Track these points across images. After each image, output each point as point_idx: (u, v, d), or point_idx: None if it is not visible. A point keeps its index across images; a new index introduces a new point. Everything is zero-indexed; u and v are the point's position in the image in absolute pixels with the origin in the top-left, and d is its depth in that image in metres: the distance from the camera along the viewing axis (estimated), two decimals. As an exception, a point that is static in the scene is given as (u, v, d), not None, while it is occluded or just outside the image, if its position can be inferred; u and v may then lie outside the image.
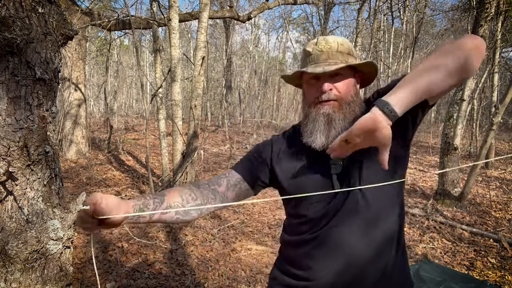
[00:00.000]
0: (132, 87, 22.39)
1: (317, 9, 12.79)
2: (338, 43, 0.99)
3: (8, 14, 0.99)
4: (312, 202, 0.99)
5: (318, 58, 0.98)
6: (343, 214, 0.96)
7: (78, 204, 1.36)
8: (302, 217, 1.02)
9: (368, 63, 1.01)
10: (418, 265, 3.14)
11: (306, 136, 1.00)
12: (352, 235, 0.95)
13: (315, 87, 0.99)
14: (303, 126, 1.02)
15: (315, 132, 0.97)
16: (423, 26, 9.49)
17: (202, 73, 4.19)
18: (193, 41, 15.68)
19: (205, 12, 4.04)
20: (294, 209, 1.05)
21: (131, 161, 7.53)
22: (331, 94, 0.97)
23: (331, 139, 0.95)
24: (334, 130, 0.96)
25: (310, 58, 1.00)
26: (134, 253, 3.17)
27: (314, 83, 0.99)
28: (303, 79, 1.05)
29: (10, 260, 1.08)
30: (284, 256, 1.12)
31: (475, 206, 4.93)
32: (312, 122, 0.99)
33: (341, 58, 0.98)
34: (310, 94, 1.02)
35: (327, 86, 0.96)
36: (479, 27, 4.63)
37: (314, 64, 0.98)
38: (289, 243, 1.09)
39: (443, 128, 5.17)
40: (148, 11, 12.25)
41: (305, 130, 1.01)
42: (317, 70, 0.94)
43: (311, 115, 1.00)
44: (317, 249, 0.98)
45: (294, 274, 1.04)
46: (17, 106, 1.09)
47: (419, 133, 15.60)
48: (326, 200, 0.98)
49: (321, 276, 0.98)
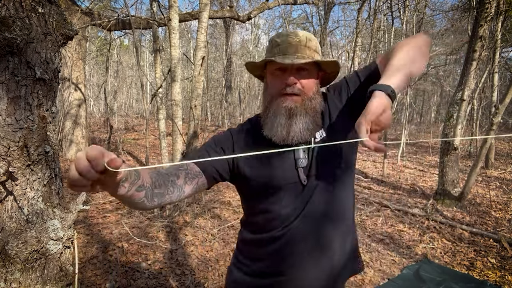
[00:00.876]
0: (132, 87, 22.39)
1: (317, 9, 12.78)
2: (307, 38, 0.99)
3: (8, 14, 0.99)
4: (281, 197, 0.99)
5: (286, 49, 0.97)
6: (312, 208, 0.99)
7: (78, 204, 1.36)
8: (271, 212, 1.01)
9: (334, 62, 1.02)
10: (418, 265, 3.14)
11: (267, 129, 0.98)
12: (322, 227, 1.00)
13: (279, 79, 0.98)
14: (264, 118, 1.00)
15: (276, 125, 0.96)
16: (423, 26, 9.48)
17: (202, 73, 4.19)
18: (193, 41, 15.68)
19: (205, 12, 4.04)
20: (262, 205, 1.02)
21: (131, 161, 7.53)
22: (295, 88, 0.96)
23: (292, 134, 0.96)
24: (295, 125, 0.96)
25: (278, 48, 0.98)
26: (134, 253, 3.17)
27: (279, 74, 0.98)
28: (267, 70, 1.02)
29: (10, 260, 1.08)
30: (248, 256, 1.08)
31: (475, 206, 4.93)
32: (273, 115, 0.97)
33: (308, 53, 0.97)
34: (273, 86, 0.99)
35: (292, 80, 0.96)
36: (479, 27, 4.63)
37: (282, 55, 0.96)
38: (255, 242, 1.06)
39: (443, 128, 5.17)
40: (148, 11, 12.25)
41: (265, 122, 0.99)
42: (285, 61, 0.93)
43: (273, 107, 0.98)
44: (289, 244, 1.00)
45: (263, 272, 1.03)
46: (17, 106, 1.09)
47: (419, 133, 15.61)
48: (294, 194, 0.99)
49: (293, 271, 1.00)
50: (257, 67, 1.06)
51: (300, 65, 0.96)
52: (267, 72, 1.03)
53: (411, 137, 13.75)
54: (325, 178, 1.00)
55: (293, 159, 1.00)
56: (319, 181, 1.00)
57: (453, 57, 15.55)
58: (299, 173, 0.99)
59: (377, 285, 2.83)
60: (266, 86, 1.04)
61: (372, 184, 6.31)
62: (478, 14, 4.69)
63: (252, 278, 1.05)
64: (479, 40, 4.62)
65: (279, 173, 0.99)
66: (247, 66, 1.08)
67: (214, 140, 1.05)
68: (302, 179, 0.99)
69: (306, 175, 0.99)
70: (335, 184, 1.02)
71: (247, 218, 1.10)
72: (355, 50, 10.89)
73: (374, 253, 3.41)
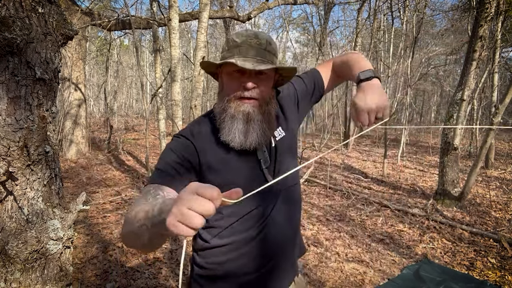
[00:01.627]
0: (132, 87, 22.39)
1: (317, 9, 12.77)
2: (267, 41, 0.98)
3: (8, 14, 0.99)
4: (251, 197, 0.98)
5: (247, 52, 0.94)
6: (280, 206, 1.05)
7: (78, 204, 1.36)
8: (242, 215, 1.00)
9: (292, 69, 1.01)
10: (418, 265, 3.14)
11: (224, 134, 0.96)
12: (286, 221, 1.08)
13: (237, 81, 0.95)
14: (220, 122, 0.98)
15: (234, 130, 0.95)
16: (423, 26, 9.48)
17: (202, 73, 4.19)
18: (193, 41, 15.67)
19: (205, 12, 4.04)
20: (231, 208, 0.99)
21: (131, 161, 7.53)
22: (253, 92, 0.95)
23: (250, 139, 0.95)
24: (253, 130, 0.95)
25: (238, 49, 0.95)
26: (134, 253, 3.17)
27: (238, 77, 0.95)
28: (224, 69, 0.99)
29: (10, 260, 1.08)
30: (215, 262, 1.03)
31: (475, 206, 4.93)
32: (230, 119, 0.96)
33: (268, 57, 0.96)
34: (230, 88, 0.97)
35: (251, 85, 0.94)
36: (479, 27, 4.63)
37: (242, 57, 0.93)
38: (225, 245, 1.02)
39: (443, 128, 5.17)
40: (148, 11, 12.24)
41: (222, 126, 0.97)
42: (246, 65, 0.90)
43: (229, 110, 0.96)
44: (262, 242, 1.02)
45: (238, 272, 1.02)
46: (17, 106, 1.09)
47: (419, 133, 15.62)
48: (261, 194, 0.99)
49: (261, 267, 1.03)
50: (212, 65, 1.01)
51: (261, 70, 0.94)
52: (223, 72, 1.00)
53: (411, 137, 13.75)
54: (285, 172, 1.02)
55: (256, 161, 1.01)
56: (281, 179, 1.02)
57: (453, 57, 15.55)
58: (265, 173, 1.02)
59: (377, 285, 2.83)
60: (222, 86, 1.02)
61: (372, 184, 6.31)
62: (478, 14, 4.69)
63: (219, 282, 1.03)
64: (479, 40, 4.62)
65: (245, 177, 0.99)
66: (202, 64, 1.03)
67: (178, 153, 0.96)
68: (269, 179, 1.00)
69: (272, 175, 1.02)
70: (292, 177, 1.04)
71: (209, 222, 1.03)
72: (355, 50, 10.88)
73: (374, 253, 3.41)
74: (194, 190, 0.54)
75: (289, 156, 1.10)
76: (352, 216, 4.48)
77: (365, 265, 3.17)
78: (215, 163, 0.98)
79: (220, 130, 0.98)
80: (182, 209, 0.53)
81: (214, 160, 0.98)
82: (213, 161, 0.98)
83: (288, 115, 1.12)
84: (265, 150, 1.02)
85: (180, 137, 1.00)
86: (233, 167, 0.99)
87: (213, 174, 0.98)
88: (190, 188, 0.55)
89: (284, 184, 1.04)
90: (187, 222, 0.52)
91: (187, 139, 0.99)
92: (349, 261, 3.22)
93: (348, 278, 2.92)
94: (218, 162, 0.98)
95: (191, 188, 0.54)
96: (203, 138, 1.00)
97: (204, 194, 0.53)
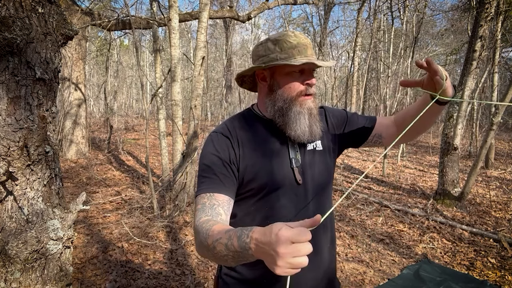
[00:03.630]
0: (132, 87, 22.38)
1: (317, 9, 12.78)
2: (307, 39, 1.04)
3: (8, 14, 0.99)
4: (279, 196, 1.00)
5: (306, 51, 0.99)
6: (307, 211, 1.01)
7: (78, 204, 1.36)
8: (269, 210, 1.00)
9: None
10: (418, 265, 3.14)
11: (294, 130, 1.00)
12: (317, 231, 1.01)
13: (298, 80, 1.00)
14: (286, 120, 1.01)
15: (303, 125, 1.00)
16: (423, 26, 9.48)
17: (202, 73, 4.19)
18: (193, 41, 15.68)
19: (205, 12, 4.04)
20: (258, 203, 1.00)
21: (131, 161, 7.53)
22: (314, 89, 1.03)
23: (313, 132, 1.02)
24: (314, 124, 1.02)
25: (296, 50, 0.98)
26: (134, 253, 3.17)
27: (297, 76, 1.00)
28: (277, 71, 1.02)
29: (10, 260, 1.08)
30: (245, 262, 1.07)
31: (475, 206, 4.93)
32: (298, 115, 1.00)
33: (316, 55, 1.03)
34: (292, 87, 1.01)
35: (315, 80, 1.01)
36: (479, 27, 4.63)
37: (304, 57, 0.98)
38: None
39: (443, 128, 5.17)
40: (148, 11, 12.25)
41: (290, 123, 1.01)
42: (326, 64, 0.98)
43: (295, 108, 1.00)
44: None
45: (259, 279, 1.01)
46: (17, 106, 1.09)
47: (419, 133, 15.58)
48: (290, 194, 1.01)
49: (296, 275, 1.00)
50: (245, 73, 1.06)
51: (326, 66, 1.01)
52: (277, 74, 1.02)
53: (411, 137, 13.70)
54: (315, 181, 1.04)
55: (288, 158, 1.02)
56: (311, 182, 1.03)
57: (453, 57, 15.55)
58: (294, 172, 1.01)
59: (377, 285, 2.83)
60: (276, 86, 1.03)
61: (372, 184, 6.31)
62: (478, 14, 4.69)
63: (247, 286, 1.03)
64: (479, 40, 4.62)
65: (278, 171, 1.00)
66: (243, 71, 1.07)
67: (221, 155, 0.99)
68: (298, 179, 1.01)
69: (301, 175, 1.02)
70: (324, 187, 1.07)
71: (237, 219, 1.05)
72: (355, 50, 10.90)
73: (374, 253, 3.41)
74: (289, 240, 0.60)
75: (319, 164, 1.07)
76: (352, 216, 4.48)
77: (365, 265, 3.17)
78: (251, 157, 1.01)
79: (285, 127, 1.01)
80: (289, 261, 0.60)
81: (250, 153, 1.02)
82: (249, 154, 1.01)
83: (331, 133, 1.14)
84: (297, 150, 1.04)
85: (217, 134, 1.04)
86: (267, 160, 1.01)
87: (250, 167, 1.01)
88: (284, 240, 0.60)
89: (313, 190, 1.04)
90: (297, 267, 0.61)
91: (223, 135, 1.03)
92: (349, 261, 3.22)
93: (348, 278, 2.92)
94: (254, 156, 1.01)
95: (285, 239, 0.60)
96: (239, 132, 1.04)
97: (301, 240, 0.60)
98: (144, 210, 4.27)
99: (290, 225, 0.63)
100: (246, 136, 1.04)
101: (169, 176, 5.07)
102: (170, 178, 4.98)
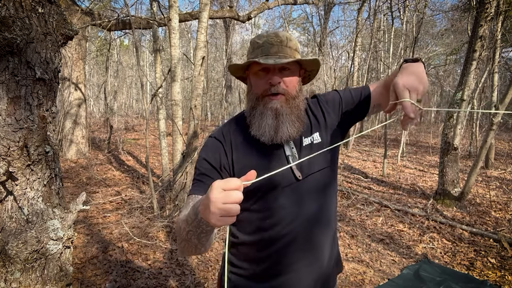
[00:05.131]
0: (132, 87, 22.38)
1: (317, 9, 12.78)
2: (287, 38, 1.02)
3: (8, 14, 0.99)
4: (277, 195, 1.00)
5: (268, 50, 0.99)
6: (306, 208, 1.02)
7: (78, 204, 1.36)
8: (268, 210, 1.01)
9: (314, 61, 1.04)
10: (418, 265, 3.14)
11: (255, 130, 1.00)
12: (315, 228, 1.03)
13: (263, 79, 1.00)
14: (251, 118, 1.02)
15: (264, 126, 0.99)
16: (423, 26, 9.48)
17: (202, 73, 4.19)
18: (193, 41, 15.68)
19: (205, 12, 4.04)
20: (258, 203, 1.01)
21: (131, 161, 7.53)
22: (279, 88, 0.99)
23: (280, 133, 0.99)
24: (282, 124, 0.99)
25: (260, 49, 1.00)
26: (134, 253, 3.17)
27: (263, 75, 1.00)
28: (250, 71, 1.04)
29: (10, 260, 1.08)
30: (246, 259, 1.06)
31: (475, 206, 4.93)
32: (260, 115, 1.00)
33: (289, 53, 1.00)
34: (257, 86, 1.01)
35: (276, 79, 0.98)
36: (479, 27, 4.63)
37: (264, 56, 0.98)
38: (254, 243, 1.04)
39: (443, 128, 5.17)
40: (148, 11, 12.25)
41: (253, 122, 1.01)
42: (269, 62, 0.95)
43: (259, 108, 1.01)
44: (288, 245, 1.01)
45: (261, 275, 1.03)
46: (17, 106, 1.09)
47: (419, 133, 15.62)
48: (289, 191, 1.01)
49: (289, 273, 1.01)
50: (239, 68, 1.07)
51: (282, 65, 0.98)
52: (250, 73, 1.05)
53: (411, 137, 13.75)
54: (316, 175, 1.03)
55: (284, 157, 1.02)
56: (310, 177, 1.03)
57: (453, 57, 15.55)
58: (293, 170, 1.01)
59: (377, 285, 2.83)
60: (250, 87, 1.06)
61: (372, 184, 6.31)
62: (478, 14, 4.69)
63: (251, 282, 1.05)
64: (479, 40, 4.62)
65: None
66: (230, 68, 1.09)
67: (211, 159, 1.02)
68: (297, 175, 1.01)
69: (300, 171, 1.01)
70: (325, 180, 1.06)
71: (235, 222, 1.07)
72: (355, 50, 10.89)
73: (374, 253, 3.41)
74: (220, 187, 0.66)
75: (323, 161, 1.05)
76: (352, 216, 4.48)
77: (365, 265, 3.17)
78: (245, 159, 1.02)
79: (250, 127, 1.02)
80: (219, 206, 0.65)
81: (244, 156, 1.02)
82: (243, 157, 1.02)
83: (329, 122, 1.09)
84: (293, 147, 1.03)
85: (211, 139, 1.07)
86: (262, 163, 1.01)
87: (247, 168, 0.99)
88: (215, 187, 0.66)
89: (313, 186, 1.02)
90: (227, 213, 0.66)
91: (217, 140, 1.06)
92: (349, 261, 3.22)
93: (348, 278, 2.92)
94: (247, 158, 1.02)
95: (216, 187, 0.66)
96: (232, 136, 1.06)
97: (230, 187, 0.66)
98: (144, 210, 4.28)
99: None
100: (240, 139, 1.05)
101: (169, 176, 5.08)
102: (170, 178, 4.98)
